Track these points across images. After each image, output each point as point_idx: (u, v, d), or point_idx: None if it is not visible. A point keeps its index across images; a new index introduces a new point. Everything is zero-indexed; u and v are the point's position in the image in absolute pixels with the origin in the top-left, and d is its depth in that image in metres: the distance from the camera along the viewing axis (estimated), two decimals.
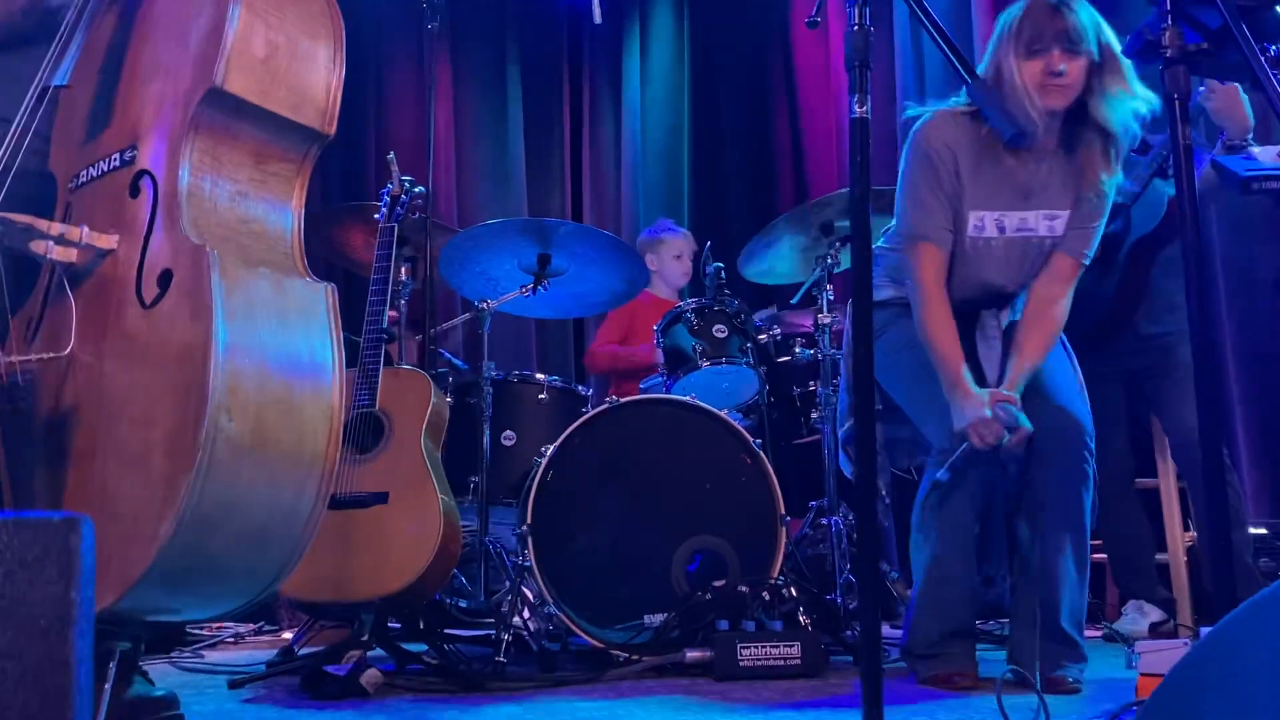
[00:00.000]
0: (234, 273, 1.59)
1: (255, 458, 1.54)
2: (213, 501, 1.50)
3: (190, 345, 1.53)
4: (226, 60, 1.65)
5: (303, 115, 1.76)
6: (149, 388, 1.57)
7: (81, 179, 1.80)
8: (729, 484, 2.80)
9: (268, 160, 1.76)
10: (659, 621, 2.65)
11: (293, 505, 1.62)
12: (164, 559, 1.48)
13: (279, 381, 1.60)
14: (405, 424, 2.64)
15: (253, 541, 1.59)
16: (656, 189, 5.29)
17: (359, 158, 5.03)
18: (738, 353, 3.27)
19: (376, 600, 2.46)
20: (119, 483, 1.56)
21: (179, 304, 1.58)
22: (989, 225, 2.32)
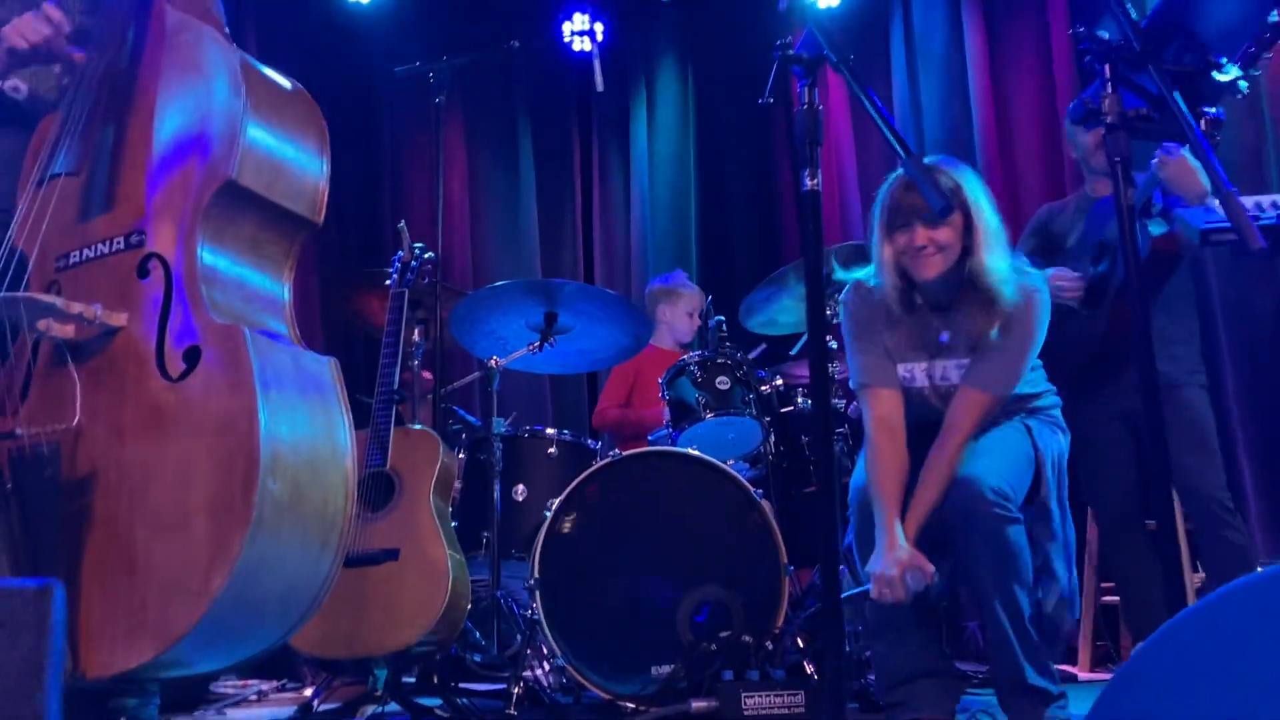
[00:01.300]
0: (263, 348, 1.73)
1: (292, 516, 1.68)
2: (259, 557, 1.63)
3: (232, 415, 1.67)
4: (241, 156, 1.83)
5: (298, 206, 1.96)
6: (184, 455, 1.69)
7: (74, 259, 1.92)
8: (733, 535, 2.86)
9: (264, 244, 1.93)
10: (666, 672, 2.69)
11: (318, 559, 1.75)
12: (213, 612, 1.60)
13: (307, 447, 1.74)
14: (415, 482, 2.73)
15: (284, 593, 1.72)
16: (665, 245, 5.40)
17: (377, 227, 5.19)
18: (741, 404, 3.34)
19: (388, 655, 2.53)
20: (152, 545, 1.67)
21: (213, 378, 1.72)
22: (918, 375, 2.42)
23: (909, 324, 2.40)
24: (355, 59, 5.14)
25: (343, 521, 1.76)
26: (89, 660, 1.65)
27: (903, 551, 2.20)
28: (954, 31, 4.87)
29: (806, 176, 1.31)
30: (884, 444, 2.33)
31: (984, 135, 4.64)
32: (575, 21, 5.34)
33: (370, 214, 5.21)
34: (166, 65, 1.95)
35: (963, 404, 2.34)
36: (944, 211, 1.26)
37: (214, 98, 1.87)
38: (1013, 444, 2.37)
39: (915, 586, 2.19)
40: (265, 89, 1.92)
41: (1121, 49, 1.42)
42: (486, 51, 3.90)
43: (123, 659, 1.63)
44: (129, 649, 1.63)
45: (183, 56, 1.94)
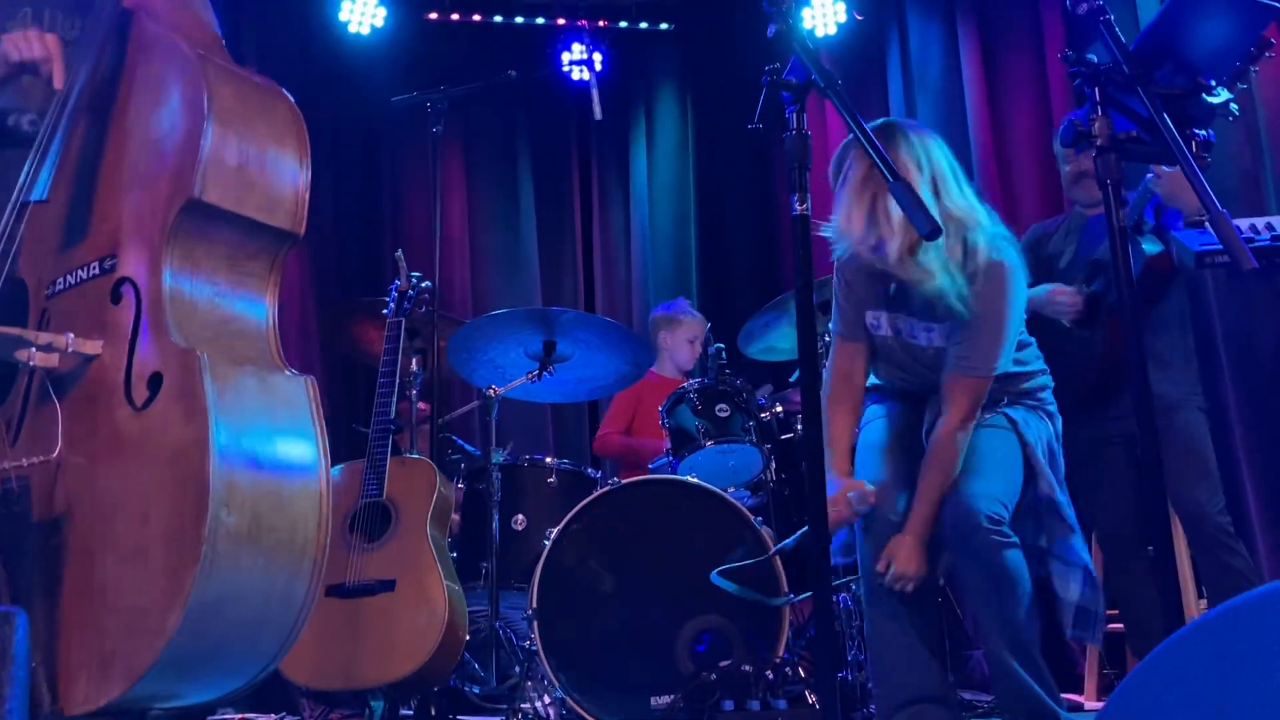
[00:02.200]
0: (223, 373, 1.66)
1: (252, 548, 1.61)
2: (215, 592, 1.56)
3: (185, 445, 1.60)
4: (203, 172, 1.73)
5: (275, 218, 1.84)
6: (145, 486, 1.63)
7: (58, 286, 1.87)
8: (732, 562, 2.83)
9: (242, 261, 1.83)
10: (666, 703, 2.67)
11: (286, 591, 1.68)
12: (171, 649, 1.55)
13: (270, 474, 1.66)
14: (412, 512, 2.71)
15: (251, 627, 1.65)
16: (665, 274, 5.41)
17: (376, 256, 5.20)
18: (740, 431, 3.32)
19: (384, 686, 2.51)
20: (119, 578, 1.62)
21: (171, 406, 1.65)
22: (884, 325, 2.45)
23: (876, 273, 2.42)
24: (355, 90, 5.17)
25: (315, 550, 1.68)
26: (67, 696, 1.62)
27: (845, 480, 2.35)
28: (950, 59, 4.89)
29: (796, 201, 1.31)
30: (838, 390, 2.48)
31: (982, 161, 4.65)
32: (574, 51, 5.39)
33: (370, 243, 5.23)
34: (140, 81, 1.88)
35: (952, 389, 2.36)
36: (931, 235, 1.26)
37: (179, 111, 1.79)
38: (1001, 452, 2.36)
39: (860, 507, 2.31)
40: (235, 97, 1.82)
41: (1111, 72, 1.42)
42: (484, 81, 3.92)
43: (95, 694, 1.59)
44: (101, 684, 1.59)
45: (156, 71, 1.87)
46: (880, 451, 2.46)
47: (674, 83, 5.73)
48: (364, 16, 5.16)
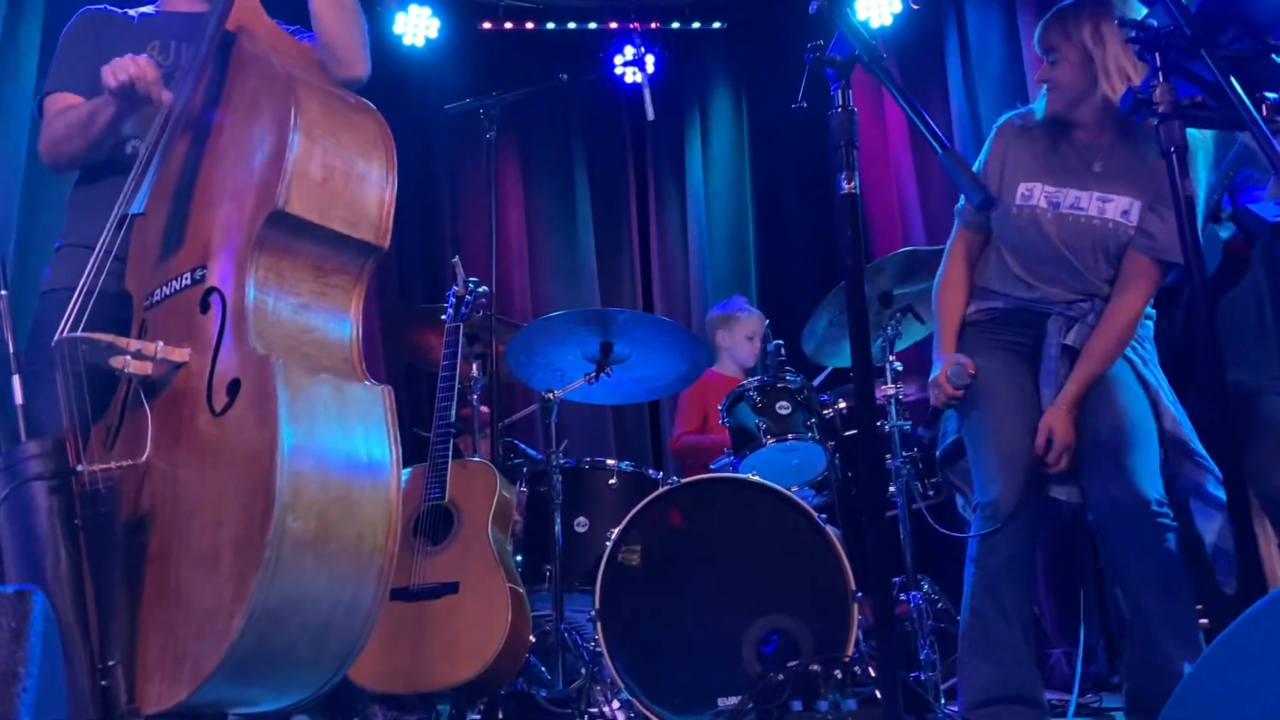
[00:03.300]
0: (297, 380, 1.68)
1: (318, 555, 1.62)
2: (279, 596, 1.58)
3: (257, 449, 1.63)
4: (288, 184, 1.77)
5: (359, 231, 1.87)
6: (220, 491, 1.67)
7: (156, 297, 1.94)
8: (797, 561, 2.79)
9: (327, 273, 1.87)
10: (733, 704, 2.63)
11: (354, 599, 1.69)
12: (234, 652, 1.56)
13: (339, 481, 1.68)
14: (473, 515, 2.72)
15: (317, 632, 1.66)
16: (724, 273, 5.38)
17: (436, 263, 5.25)
18: (803, 428, 3.28)
19: (449, 690, 2.51)
20: (192, 581, 1.66)
21: (246, 411, 1.69)
22: (1038, 196, 2.40)
23: (1050, 146, 2.42)
24: (412, 101, 5.23)
25: (383, 557, 1.69)
26: (143, 694, 1.65)
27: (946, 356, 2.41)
28: (1011, 46, 4.78)
29: (843, 180, 1.28)
30: (953, 274, 2.53)
31: None
32: (625, 54, 5.39)
33: (430, 251, 5.28)
34: (236, 99, 1.94)
35: (1137, 272, 2.33)
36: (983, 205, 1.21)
37: (267, 125, 1.84)
38: (1137, 413, 2.31)
39: (957, 380, 2.38)
40: (322, 112, 1.86)
41: (1172, 36, 1.37)
42: (536, 86, 3.93)
43: (167, 695, 1.62)
44: (172, 685, 1.62)
45: (250, 88, 1.92)
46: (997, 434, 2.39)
47: (727, 81, 5.70)
48: (418, 28, 5.23)
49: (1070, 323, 2.40)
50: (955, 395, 2.39)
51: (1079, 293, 2.41)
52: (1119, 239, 2.34)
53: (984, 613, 2.29)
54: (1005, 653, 2.27)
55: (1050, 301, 2.42)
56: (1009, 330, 2.47)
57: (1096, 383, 2.33)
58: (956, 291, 2.52)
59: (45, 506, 1.70)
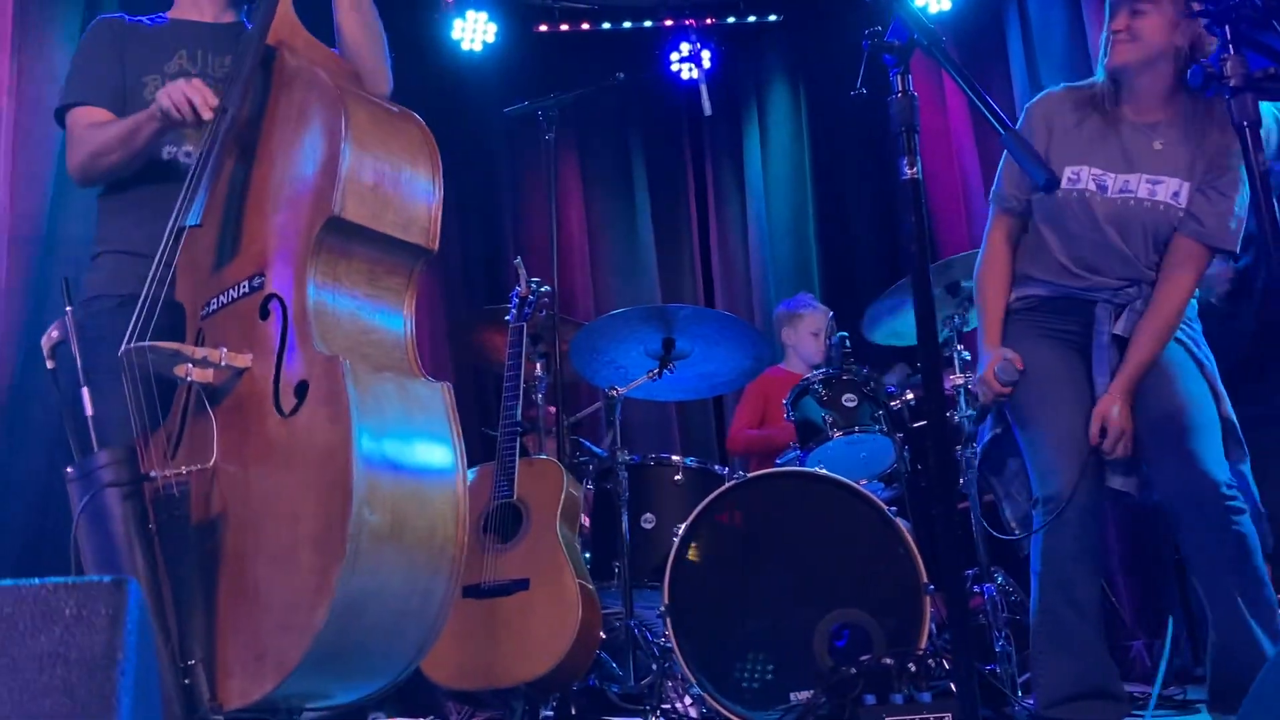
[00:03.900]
0: (364, 379, 1.74)
1: (394, 547, 1.68)
2: (359, 589, 1.63)
3: (331, 447, 1.68)
4: (343, 191, 1.83)
5: (410, 234, 1.93)
6: (294, 489, 1.72)
7: (211, 307, 1.99)
8: (867, 555, 2.77)
9: (380, 276, 1.93)
10: (805, 698, 2.62)
11: (427, 589, 1.74)
12: (318, 644, 1.62)
13: (410, 475, 1.73)
14: (542, 512, 2.74)
15: (394, 624, 1.71)
16: (785, 266, 5.35)
17: (500, 265, 5.31)
18: (870, 421, 3.25)
19: (523, 685, 2.54)
20: (270, 578, 1.71)
21: (317, 411, 1.74)
22: (1086, 179, 2.33)
23: (1099, 125, 2.34)
24: (471, 106, 5.29)
25: (454, 549, 1.74)
26: (224, 691, 1.70)
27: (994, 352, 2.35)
28: (1074, 25, 4.67)
29: (905, 165, 1.27)
30: (994, 263, 2.46)
31: None
32: (681, 50, 5.39)
33: (493, 253, 5.34)
34: (283, 111, 2.00)
35: (1186, 255, 2.28)
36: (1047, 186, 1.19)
37: (320, 136, 1.89)
38: (1198, 395, 2.27)
39: (1005, 376, 2.33)
40: (371, 121, 1.92)
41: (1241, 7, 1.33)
42: (592, 86, 3.95)
43: (250, 690, 1.67)
44: (255, 680, 1.67)
45: (297, 101, 1.98)
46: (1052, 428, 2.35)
47: (785, 73, 5.67)
48: (475, 33, 5.29)
49: (1118, 310, 2.35)
50: (1004, 393, 2.34)
51: (1126, 279, 2.35)
52: (1169, 222, 2.29)
53: (1054, 608, 2.25)
54: (1079, 646, 2.23)
55: (1097, 289, 2.37)
56: (1056, 318, 2.42)
57: (1151, 367, 2.28)
58: (1000, 281, 2.46)
59: (120, 514, 1.76)
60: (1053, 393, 2.32)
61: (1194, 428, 2.21)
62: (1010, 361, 2.32)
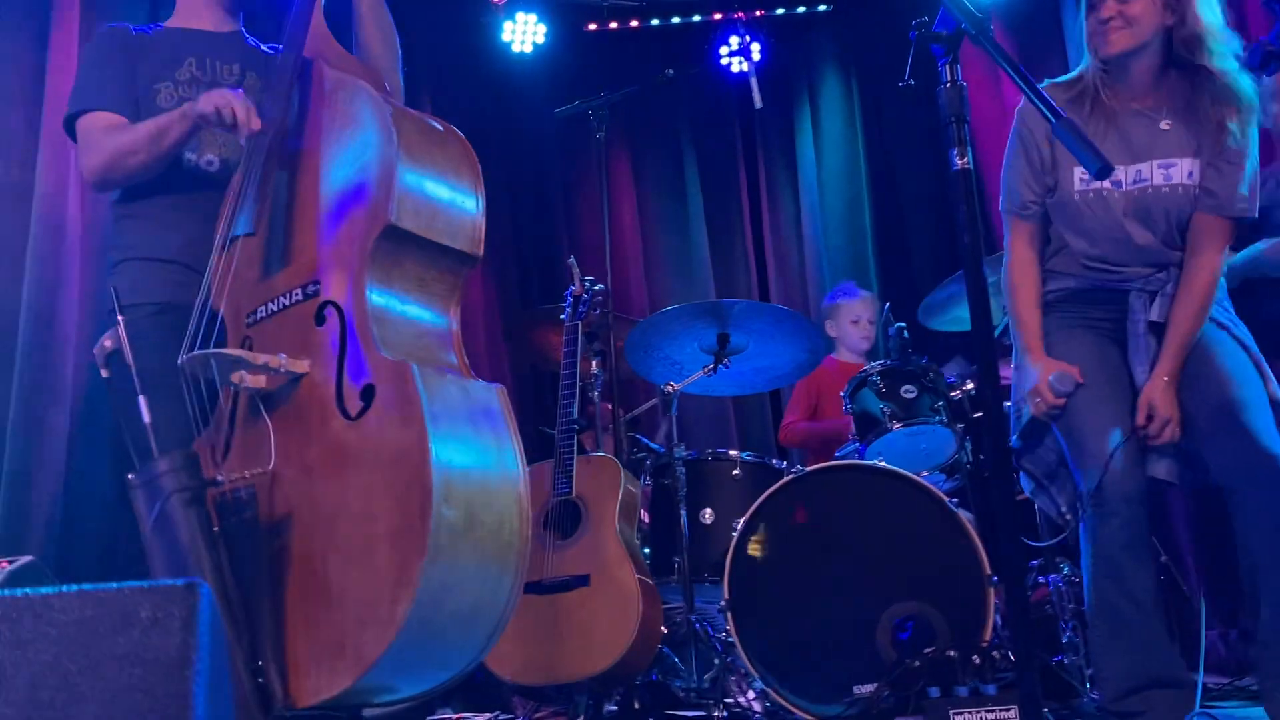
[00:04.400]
0: (431, 381, 1.78)
1: (468, 541, 1.73)
2: (439, 582, 1.68)
3: (406, 447, 1.73)
4: (398, 201, 1.88)
5: (457, 242, 1.99)
6: (365, 488, 1.76)
7: (260, 314, 2.04)
8: (929, 547, 2.74)
9: (429, 282, 1.98)
10: (869, 691, 2.60)
11: (497, 582, 1.78)
12: (401, 637, 1.67)
13: (478, 472, 1.78)
14: (600, 508, 2.76)
15: (467, 617, 1.76)
16: (840, 259, 5.32)
17: (554, 265, 5.34)
18: (929, 412, 3.21)
19: (586, 680, 2.56)
20: (344, 576, 1.75)
21: (386, 413, 1.78)
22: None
23: (1100, 121, 2.31)
24: (523, 107, 5.33)
25: (519, 544, 1.78)
26: (298, 689, 1.75)
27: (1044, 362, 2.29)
28: None
29: (956, 156, 1.26)
30: (1021, 271, 2.40)
31: None
32: (731, 43, 5.37)
33: (547, 253, 5.37)
34: (327, 123, 2.04)
35: (1207, 231, 2.26)
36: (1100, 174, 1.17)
37: (370, 148, 1.94)
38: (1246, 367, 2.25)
39: (1062, 388, 2.25)
40: (417, 134, 1.97)
41: None
42: (641, 84, 3.96)
43: (326, 686, 1.72)
44: (331, 676, 1.71)
45: (341, 113, 2.02)
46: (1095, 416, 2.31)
47: (836, 64, 5.62)
48: (525, 35, 5.32)
49: (1151, 297, 2.32)
50: (1058, 404, 2.27)
51: (1155, 265, 2.33)
52: (1188, 202, 2.27)
53: (1110, 600, 2.21)
54: (1139, 637, 2.19)
55: (1128, 279, 2.34)
56: (1090, 308, 2.39)
57: (1192, 349, 2.25)
58: (1032, 290, 2.39)
59: (184, 519, 1.81)
60: (1091, 384, 2.28)
61: (1246, 404, 2.17)
62: (1066, 373, 2.26)
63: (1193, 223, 2.28)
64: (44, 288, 3.60)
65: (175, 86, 2.27)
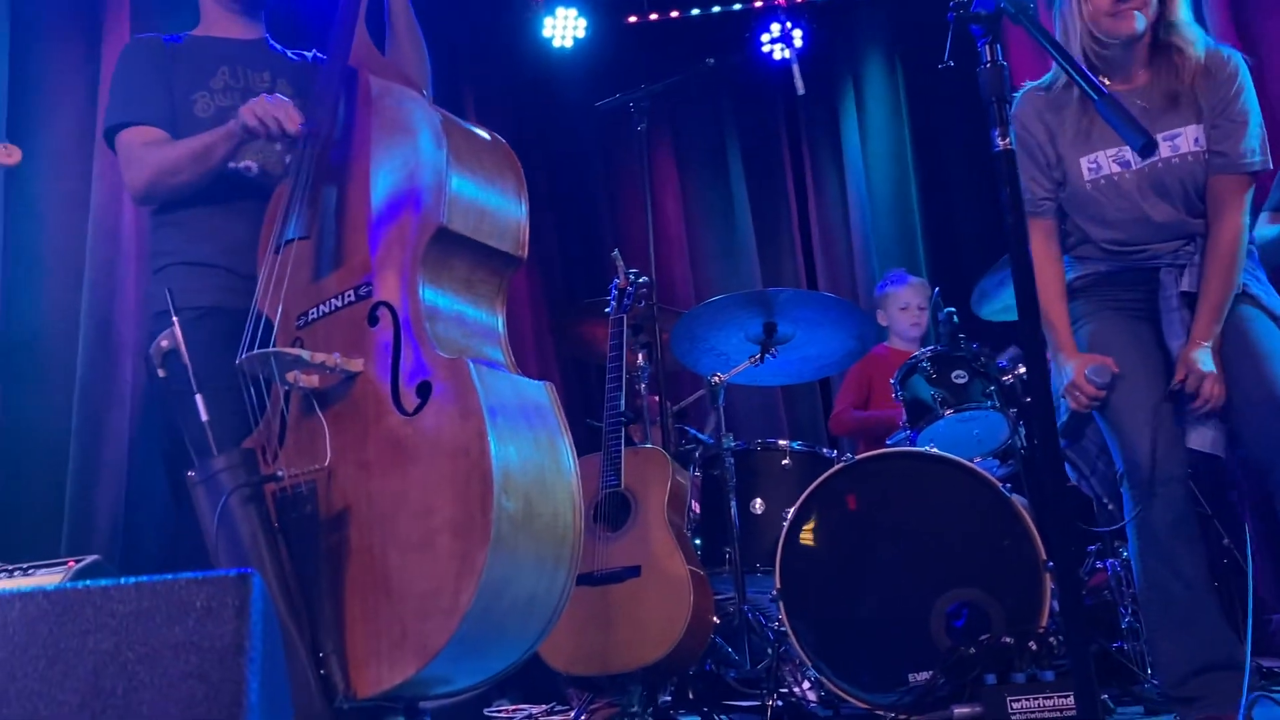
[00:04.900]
0: (485, 376, 1.82)
1: (527, 532, 1.76)
2: (500, 571, 1.71)
3: (465, 441, 1.77)
4: (448, 205, 1.94)
5: (503, 244, 2.04)
6: (425, 482, 1.80)
7: (311, 315, 2.08)
8: (982, 533, 2.71)
9: (476, 283, 2.03)
10: (924, 679, 2.59)
11: (553, 572, 1.82)
12: (465, 625, 1.70)
13: (533, 465, 1.81)
14: (649, 500, 2.77)
15: (525, 607, 1.79)
16: (888, 244, 5.27)
17: (598, 259, 5.34)
18: (981, 397, 3.17)
19: (639, 671, 2.58)
20: (405, 567, 1.79)
21: (444, 409, 1.82)
22: (1106, 164, 2.32)
23: (1083, 113, 2.32)
24: (564, 102, 5.34)
25: (573, 536, 1.82)
26: (359, 681, 1.78)
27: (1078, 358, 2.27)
28: None
29: (997, 137, 1.24)
30: (1045, 270, 2.36)
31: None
32: (772, 30, 5.34)
33: (591, 247, 5.39)
34: (375, 129, 2.09)
35: (1226, 192, 2.25)
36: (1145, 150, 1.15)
37: (420, 153, 1.99)
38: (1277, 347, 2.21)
39: (1100, 380, 2.23)
40: (465, 141, 2.02)
41: None
42: (682, 74, 3.95)
43: (388, 677, 1.75)
44: (393, 667, 1.75)
45: (389, 119, 2.07)
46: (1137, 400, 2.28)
47: (880, 47, 5.57)
48: (566, 30, 5.34)
49: (1180, 270, 2.29)
50: (1099, 396, 2.25)
51: (1180, 238, 2.31)
52: (1203, 167, 2.26)
53: (1160, 582, 2.19)
54: (1194, 619, 2.16)
55: (1155, 255, 2.32)
56: (1119, 290, 2.37)
57: (1227, 329, 2.23)
58: (1056, 285, 2.38)
59: (244, 515, 1.85)
60: (1127, 366, 2.26)
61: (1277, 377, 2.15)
62: (1104, 365, 2.24)
63: (1209, 187, 2.28)
64: (101, 294, 3.69)
65: (211, 96, 2.31)
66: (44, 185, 3.75)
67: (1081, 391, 2.25)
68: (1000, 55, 1.29)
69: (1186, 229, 2.31)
